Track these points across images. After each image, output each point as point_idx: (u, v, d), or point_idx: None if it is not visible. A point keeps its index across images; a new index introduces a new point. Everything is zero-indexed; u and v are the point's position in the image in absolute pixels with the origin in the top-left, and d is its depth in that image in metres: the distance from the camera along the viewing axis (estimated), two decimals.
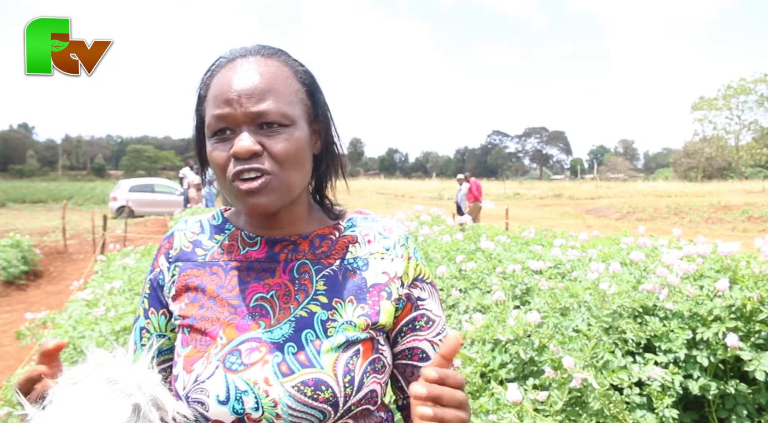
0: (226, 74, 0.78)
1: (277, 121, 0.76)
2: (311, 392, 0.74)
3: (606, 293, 2.17)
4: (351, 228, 0.88)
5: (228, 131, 0.77)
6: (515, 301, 2.73)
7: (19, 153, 69.77)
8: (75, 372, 0.63)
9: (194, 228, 0.91)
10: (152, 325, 0.88)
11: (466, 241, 4.20)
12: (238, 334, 0.78)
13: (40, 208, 23.42)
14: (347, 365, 0.77)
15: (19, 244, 9.33)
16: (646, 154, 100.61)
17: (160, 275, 0.89)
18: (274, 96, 0.76)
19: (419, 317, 0.86)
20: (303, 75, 0.83)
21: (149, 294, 0.89)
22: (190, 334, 0.81)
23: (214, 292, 0.83)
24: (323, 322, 0.79)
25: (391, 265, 0.85)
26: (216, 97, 0.77)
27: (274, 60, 0.81)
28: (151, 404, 0.61)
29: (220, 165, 0.77)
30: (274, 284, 0.82)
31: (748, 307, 2.02)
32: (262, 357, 0.76)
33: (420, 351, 0.86)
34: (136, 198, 18.36)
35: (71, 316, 3.73)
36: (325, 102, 0.86)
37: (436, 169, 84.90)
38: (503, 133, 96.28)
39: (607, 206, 23.32)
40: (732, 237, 11.35)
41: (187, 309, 0.83)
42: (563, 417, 1.85)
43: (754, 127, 44.38)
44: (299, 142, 0.78)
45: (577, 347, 1.98)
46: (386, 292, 0.83)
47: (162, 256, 0.90)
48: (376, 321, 0.81)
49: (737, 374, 2.02)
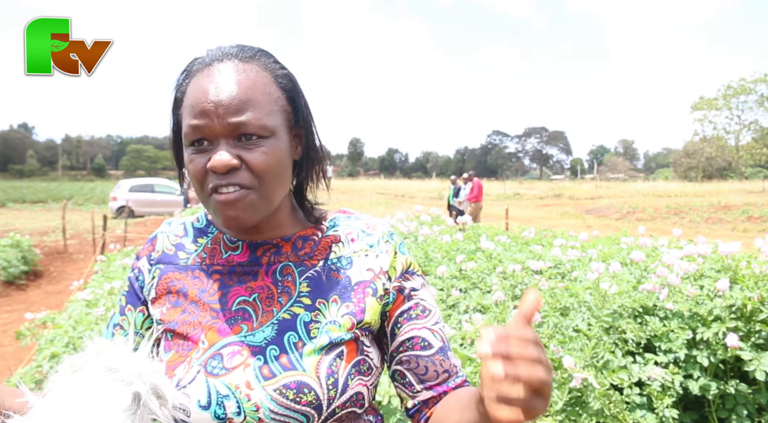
0: (202, 81, 0.75)
1: (256, 133, 0.74)
2: (293, 395, 0.73)
3: (606, 293, 2.17)
4: (333, 228, 0.87)
5: (205, 142, 0.75)
6: (515, 301, 2.73)
7: (19, 153, 69.78)
8: (75, 360, 0.63)
9: (177, 231, 0.90)
10: (127, 322, 0.87)
11: (466, 241, 4.21)
12: (220, 337, 0.77)
13: (40, 208, 23.42)
14: (330, 367, 0.75)
15: (19, 244, 9.33)
16: (646, 154, 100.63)
17: (140, 275, 0.88)
18: (252, 107, 0.74)
19: (414, 306, 0.84)
20: (283, 79, 0.80)
21: (127, 292, 0.89)
22: (173, 339, 0.80)
23: (196, 296, 0.81)
24: (306, 324, 0.78)
25: (376, 261, 0.84)
26: (193, 107, 0.74)
27: (253, 64, 0.78)
28: (151, 393, 0.61)
29: (197, 177, 0.75)
30: (257, 287, 0.81)
31: (749, 307, 2.02)
32: (243, 361, 0.75)
33: (421, 339, 0.83)
34: (136, 198, 18.35)
35: (71, 316, 3.73)
36: (306, 105, 0.84)
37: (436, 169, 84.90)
38: (503, 133, 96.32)
39: (607, 206, 23.32)
40: (732, 237, 11.34)
41: (168, 314, 0.82)
42: (563, 417, 1.85)
43: (754, 127, 44.36)
44: (279, 153, 0.76)
45: (577, 347, 1.98)
46: (371, 288, 0.82)
47: (144, 258, 0.89)
48: (361, 319, 0.80)
49: (737, 374, 2.02)
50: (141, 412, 0.60)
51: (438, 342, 0.84)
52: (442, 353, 0.83)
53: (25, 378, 3.05)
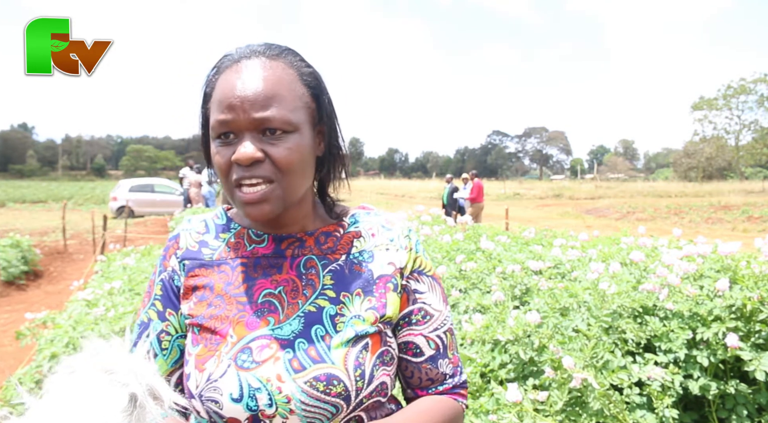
0: (230, 77, 0.78)
1: (280, 128, 0.76)
2: (323, 387, 0.75)
3: (606, 293, 2.17)
4: (354, 224, 0.89)
5: (231, 135, 0.77)
6: (515, 302, 2.73)
7: (19, 153, 69.77)
8: (72, 361, 0.62)
9: (199, 228, 0.91)
10: (172, 327, 0.86)
11: (467, 241, 4.21)
12: (248, 331, 0.79)
13: (40, 208, 23.41)
14: (357, 359, 0.77)
15: (19, 244, 9.33)
16: (646, 154, 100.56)
17: (174, 275, 0.87)
18: (277, 102, 0.76)
19: (416, 311, 0.86)
20: (308, 77, 0.82)
21: (162, 295, 0.87)
22: (200, 332, 0.81)
23: (222, 290, 0.83)
24: (332, 317, 0.80)
25: (396, 255, 0.86)
26: (220, 102, 0.77)
27: (280, 61, 0.80)
28: (147, 394, 0.61)
29: (222, 169, 0.78)
30: (282, 280, 0.83)
31: (748, 307, 2.02)
32: (273, 354, 0.77)
33: (414, 346, 0.86)
34: (136, 198, 18.35)
35: (71, 316, 3.73)
36: (330, 103, 0.86)
37: (436, 169, 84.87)
38: (503, 133, 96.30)
39: (607, 206, 23.32)
40: (732, 237, 11.35)
41: (195, 308, 0.83)
42: (563, 417, 1.85)
43: (754, 127, 44.34)
44: (302, 149, 0.78)
45: (577, 347, 1.98)
46: (392, 283, 0.84)
47: (172, 256, 0.89)
48: (384, 314, 0.82)
49: (737, 374, 2.02)
50: (137, 414, 0.60)
51: (430, 350, 0.87)
52: (432, 362, 0.87)
53: (25, 378, 3.05)
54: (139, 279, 4.45)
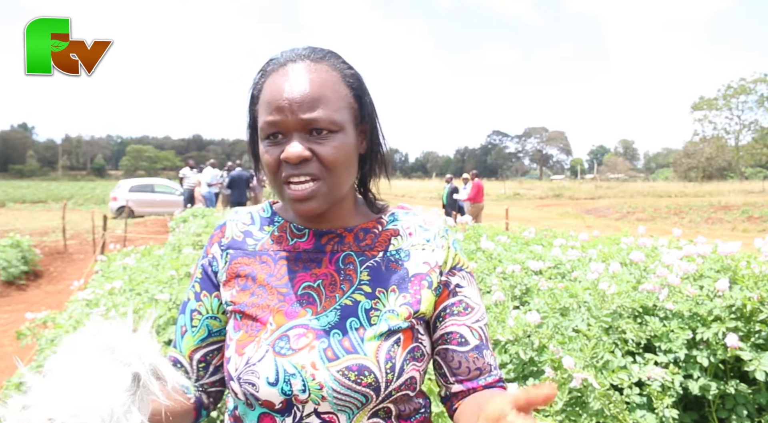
0: (277, 80, 0.82)
1: (326, 128, 0.80)
2: (355, 377, 0.78)
3: (606, 293, 2.17)
4: (393, 222, 0.93)
5: (280, 135, 0.81)
6: (515, 302, 2.73)
7: (19, 153, 69.80)
8: (74, 340, 0.62)
9: (245, 219, 0.96)
10: (204, 307, 0.92)
11: (467, 241, 4.20)
12: (287, 320, 0.83)
13: (40, 208, 23.41)
14: (389, 353, 0.81)
15: (19, 244, 9.33)
16: (646, 154, 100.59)
17: (213, 261, 0.93)
18: (323, 103, 0.80)
19: (457, 303, 0.89)
20: (351, 79, 0.86)
21: (201, 278, 0.93)
22: (242, 319, 0.85)
23: (264, 281, 0.87)
24: (367, 311, 0.84)
25: (432, 255, 0.90)
26: (269, 104, 0.81)
27: (324, 64, 0.84)
28: (151, 374, 0.62)
29: (271, 167, 0.82)
30: (321, 274, 0.87)
31: (748, 307, 2.03)
32: (309, 342, 0.81)
33: (458, 335, 0.89)
34: (136, 198, 18.35)
35: (72, 316, 3.72)
36: (372, 103, 0.90)
37: (436, 169, 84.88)
38: (503, 133, 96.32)
39: (607, 206, 23.32)
40: (732, 237, 11.34)
41: (238, 296, 0.88)
42: (563, 417, 1.85)
43: (754, 127, 44.37)
44: (347, 147, 0.82)
45: (577, 347, 1.98)
46: (427, 281, 0.87)
47: (215, 244, 0.94)
48: (417, 309, 0.85)
49: (737, 374, 2.02)
50: (141, 393, 0.60)
51: (475, 340, 0.89)
52: (477, 351, 0.89)
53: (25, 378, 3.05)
54: (140, 279, 4.44)
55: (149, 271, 4.77)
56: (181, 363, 0.92)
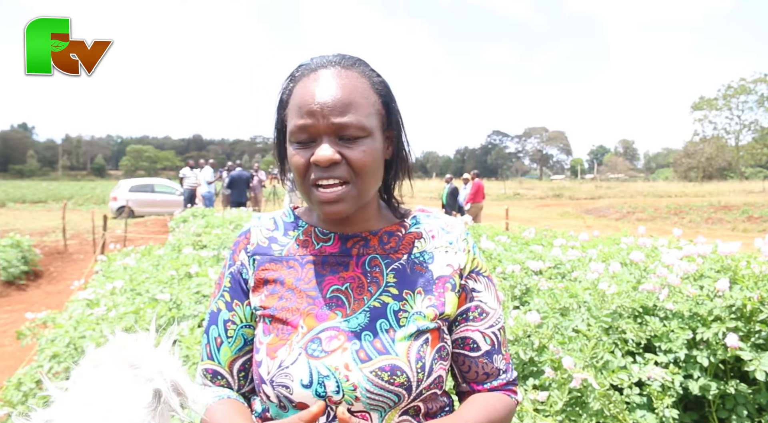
0: (309, 85, 0.83)
1: (355, 134, 0.82)
2: (388, 377, 0.80)
3: (606, 293, 2.17)
4: (416, 225, 0.95)
5: (309, 139, 0.82)
6: (515, 302, 2.73)
7: (19, 153, 69.79)
8: (97, 355, 0.63)
9: (268, 225, 0.97)
10: (238, 317, 0.92)
11: None
12: (318, 323, 0.85)
13: (40, 208, 23.40)
14: (419, 352, 0.83)
15: (19, 244, 9.33)
16: (646, 154, 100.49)
17: (243, 268, 0.93)
18: (353, 109, 0.82)
19: (473, 308, 0.92)
20: (379, 86, 0.88)
21: (231, 287, 0.94)
22: (272, 323, 0.87)
23: (293, 284, 0.88)
24: (395, 313, 0.86)
25: (455, 257, 0.92)
26: (300, 108, 0.82)
27: (353, 71, 0.86)
28: (171, 390, 0.62)
29: (300, 170, 0.83)
30: (348, 277, 0.89)
31: (748, 307, 2.02)
32: (341, 344, 0.82)
33: (471, 341, 0.92)
34: (136, 198, 18.34)
35: (72, 316, 3.72)
36: (398, 110, 0.92)
37: (436, 169, 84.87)
38: (503, 133, 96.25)
39: (607, 206, 23.32)
40: (732, 237, 11.35)
41: (267, 300, 0.89)
42: (563, 417, 1.85)
43: (754, 127, 44.36)
44: (375, 152, 0.84)
45: (577, 347, 1.98)
46: (450, 283, 0.90)
47: (242, 251, 0.94)
48: (443, 311, 0.88)
49: (737, 374, 2.02)
50: (161, 409, 0.61)
51: (486, 345, 0.93)
52: (488, 357, 0.92)
53: (25, 378, 3.05)
54: (140, 279, 4.44)
55: (149, 271, 4.77)
56: (221, 374, 0.92)
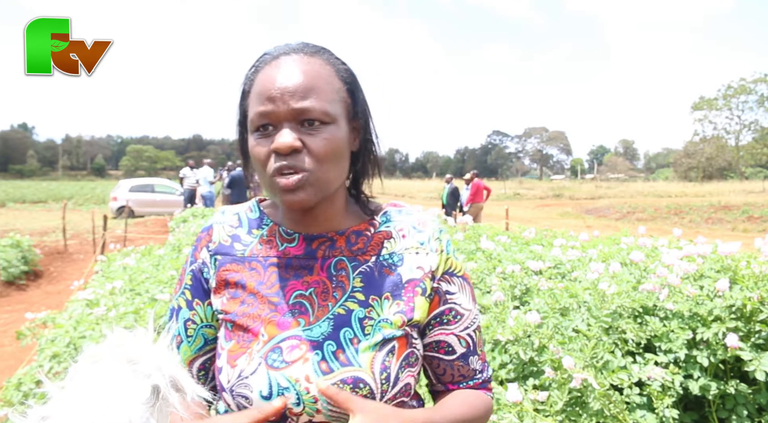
0: (270, 71, 0.80)
1: (318, 119, 0.78)
2: (350, 390, 0.77)
3: (606, 293, 2.17)
4: (386, 223, 0.90)
5: (270, 127, 0.79)
6: (515, 302, 2.73)
7: (19, 153, 69.79)
8: (95, 351, 0.63)
9: (232, 221, 0.92)
10: (198, 316, 0.89)
11: (467, 241, 4.21)
12: (279, 331, 0.81)
13: (40, 208, 23.40)
14: (383, 363, 0.80)
15: (19, 244, 9.33)
16: (646, 154, 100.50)
17: (204, 267, 0.89)
18: (316, 94, 0.78)
19: (447, 311, 0.88)
20: (344, 73, 0.85)
21: (192, 285, 0.90)
22: (233, 329, 0.84)
23: (255, 289, 0.85)
24: (360, 320, 0.82)
25: (426, 259, 0.87)
26: (260, 94, 0.79)
27: (317, 58, 0.82)
28: (170, 386, 0.62)
29: (261, 160, 0.79)
30: (313, 282, 0.85)
31: (749, 307, 2.02)
32: (302, 355, 0.79)
33: (446, 344, 0.89)
34: (136, 198, 18.34)
35: (72, 316, 3.73)
36: (365, 100, 0.88)
37: (437, 169, 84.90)
38: (503, 133, 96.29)
39: (608, 206, 23.32)
40: (732, 237, 11.34)
41: (228, 305, 0.85)
42: (563, 417, 1.85)
43: (755, 127, 44.38)
44: (338, 140, 0.80)
45: (577, 347, 1.98)
46: (421, 287, 0.86)
47: (203, 248, 0.90)
48: (411, 317, 0.84)
49: (737, 374, 2.02)
50: (160, 405, 0.60)
51: (462, 348, 0.90)
52: (463, 359, 0.90)
53: (25, 378, 3.05)
54: (140, 279, 4.44)
55: (149, 271, 4.77)
56: None
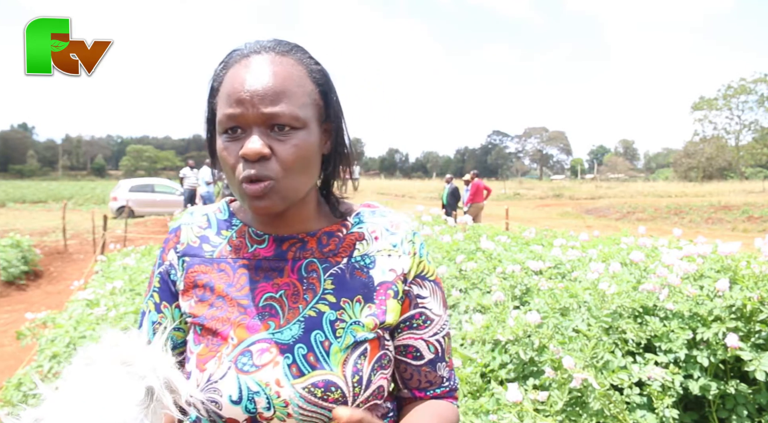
0: (239, 71, 0.77)
1: (288, 124, 0.76)
2: (321, 393, 0.76)
3: (606, 293, 2.17)
4: (358, 224, 0.88)
5: (239, 130, 0.76)
6: (515, 302, 2.73)
7: (19, 153, 69.80)
8: (89, 352, 0.62)
9: (201, 222, 0.90)
10: (166, 319, 0.87)
11: (467, 241, 4.21)
12: (249, 334, 0.79)
13: (40, 208, 23.40)
14: (355, 365, 0.78)
15: (19, 244, 9.33)
16: (646, 154, 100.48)
17: (171, 269, 0.88)
18: (287, 98, 0.75)
19: (417, 315, 0.87)
20: (317, 74, 0.82)
21: (160, 288, 0.88)
22: (202, 333, 0.82)
23: (224, 291, 0.83)
24: (332, 323, 0.80)
25: (398, 261, 0.86)
26: (229, 96, 0.76)
27: (289, 58, 0.79)
28: (164, 387, 0.61)
29: (229, 164, 0.77)
30: (283, 284, 0.83)
31: (749, 307, 2.02)
32: (272, 358, 0.77)
33: (414, 349, 0.87)
34: (136, 198, 18.33)
35: (72, 316, 3.73)
36: (338, 101, 0.85)
37: (437, 169, 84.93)
38: (503, 133, 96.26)
39: (608, 206, 23.32)
40: (732, 237, 11.34)
41: (197, 308, 0.83)
42: (563, 417, 1.85)
43: (755, 127, 44.39)
44: (309, 146, 0.78)
45: (577, 347, 1.98)
46: (393, 290, 0.84)
47: (171, 250, 0.88)
48: (383, 320, 0.82)
49: (737, 374, 2.02)
50: (154, 407, 0.60)
51: (430, 354, 0.88)
52: (431, 365, 0.88)
53: (25, 378, 3.05)
54: (140, 279, 4.44)
55: (149, 271, 4.76)
56: None
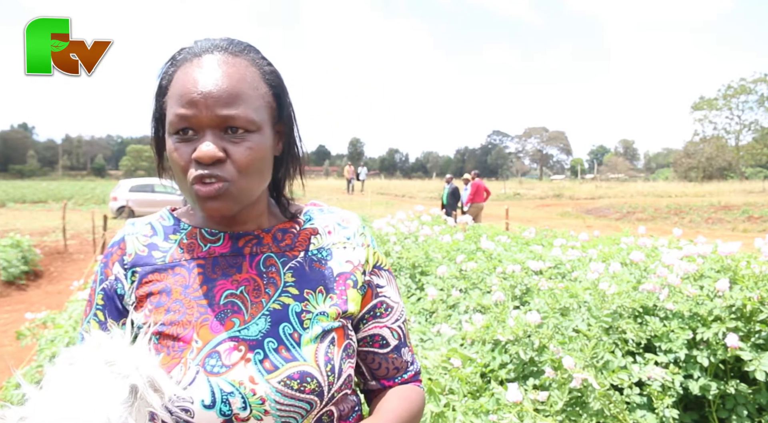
0: (191, 71, 0.75)
1: (243, 127, 0.75)
2: (297, 385, 0.75)
3: (606, 293, 2.17)
4: (309, 221, 0.90)
5: (191, 131, 0.75)
6: (515, 302, 2.73)
7: (19, 153, 69.78)
8: (72, 352, 0.62)
9: (145, 231, 0.86)
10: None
11: (467, 241, 4.21)
12: (214, 334, 0.76)
13: (40, 208, 23.38)
14: (327, 354, 0.78)
15: (19, 244, 9.33)
16: (646, 154, 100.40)
17: (117, 283, 0.83)
18: (241, 100, 0.75)
19: (379, 304, 0.89)
20: (270, 76, 0.81)
21: (104, 305, 0.83)
22: (161, 341, 0.77)
23: (181, 294, 0.79)
24: (298, 314, 0.80)
25: (354, 253, 0.88)
26: (181, 96, 0.74)
27: (242, 59, 0.78)
28: (148, 386, 0.61)
29: (181, 166, 0.75)
30: (243, 279, 0.81)
31: (748, 307, 2.03)
32: (242, 355, 0.75)
33: (380, 337, 0.89)
34: (136, 198, 18.33)
35: (72, 316, 3.73)
36: (290, 103, 0.85)
37: (437, 169, 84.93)
38: (503, 133, 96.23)
39: (608, 206, 23.32)
40: (732, 237, 11.34)
41: (153, 315, 0.79)
42: (563, 417, 1.85)
43: (755, 127, 44.40)
44: (262, 149, 0.77)
45: (577, 347, 1.98)
46: (352, 280, 0.86)
47: (116, 263, 0.84)
48: (346, 310, 0.83)
49: (737, 374, 2.02)
50: (138, 405, 0.60)
51: (394, 340, 0.90)
52: (396, 351, 0.91)
53: (25, 378, 3.05)
54: None
55: None
56: None
